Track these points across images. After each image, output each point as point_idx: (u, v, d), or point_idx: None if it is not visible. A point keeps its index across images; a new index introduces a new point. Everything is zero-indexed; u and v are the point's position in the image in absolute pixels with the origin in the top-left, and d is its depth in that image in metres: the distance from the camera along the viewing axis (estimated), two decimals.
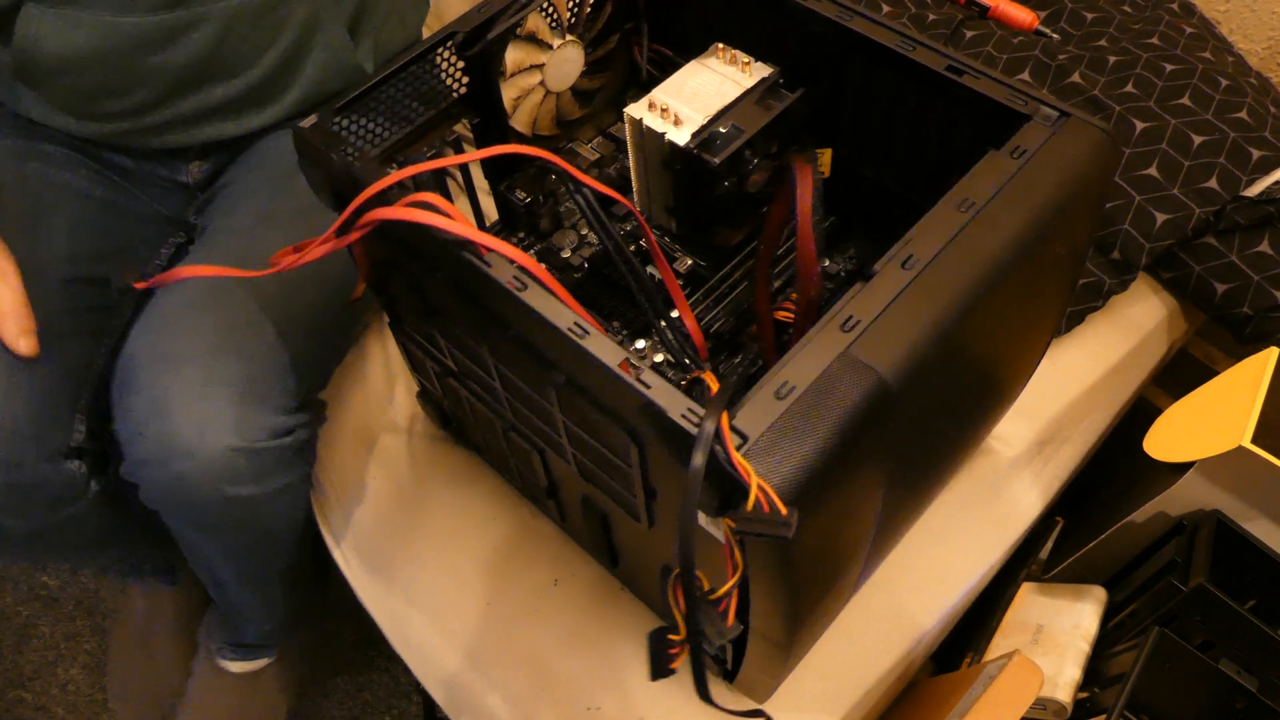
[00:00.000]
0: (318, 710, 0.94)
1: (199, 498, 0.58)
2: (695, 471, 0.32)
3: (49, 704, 0.96)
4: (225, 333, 0.58)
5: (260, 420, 0.57)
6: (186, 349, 0.57)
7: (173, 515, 0.64)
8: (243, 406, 0.56)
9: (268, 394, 0.58)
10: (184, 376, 0.56)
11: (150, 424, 0.56)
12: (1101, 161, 0.43)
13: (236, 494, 0.58)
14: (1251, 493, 0.56)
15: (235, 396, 0.56)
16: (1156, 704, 0.56)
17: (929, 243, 0.39)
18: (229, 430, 0.56)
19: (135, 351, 0.58)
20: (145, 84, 0.62)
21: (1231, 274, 0.71)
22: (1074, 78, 0.72)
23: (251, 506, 0.60)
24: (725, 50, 0.51)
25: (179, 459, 0.56)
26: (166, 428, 0.55)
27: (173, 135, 0.67)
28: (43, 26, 0.59)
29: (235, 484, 0.57)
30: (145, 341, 0.58)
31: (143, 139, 0.67)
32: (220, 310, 0.59)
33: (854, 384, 0.35)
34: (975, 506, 0.66)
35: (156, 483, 0.58)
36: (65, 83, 0.62)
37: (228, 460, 0.56)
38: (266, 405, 0.58)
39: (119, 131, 0.66)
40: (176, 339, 0.57)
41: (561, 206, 0.61)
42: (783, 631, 0.42)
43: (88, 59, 0.60)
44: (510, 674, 0.61)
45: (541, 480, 0.55)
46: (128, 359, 0.58)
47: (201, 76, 0.63)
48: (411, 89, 0.51)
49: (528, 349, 0.41)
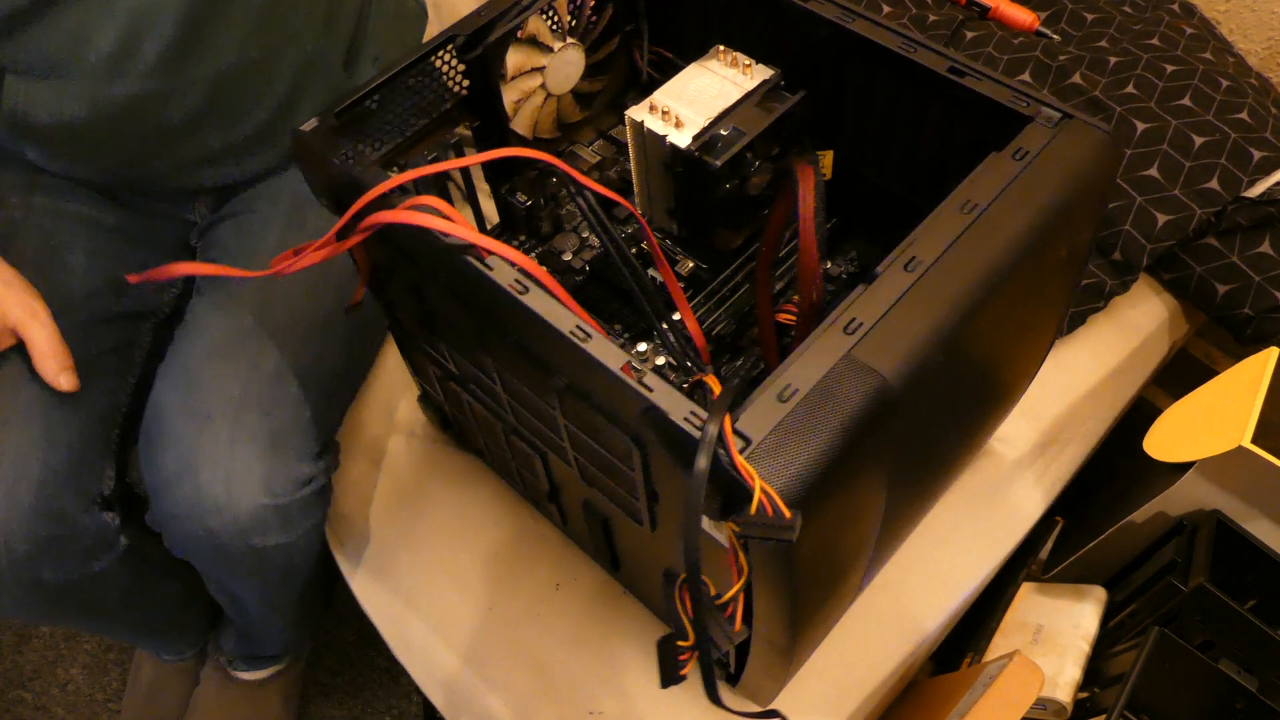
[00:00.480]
0: (318, 710, 0.94)
1: (228, 550, 0.59)
2: (698, 475, 0.32)
3: (49, 704, 0.96)
4: (250, 385, 0.58)
5: (286, 472, 0.58)
6: (213, 405, 0.57)
7: (199, 560, 0.65)
8: (270, 461, 0.57)
9: (292, 445, 0.59)
10: (211, 433, 0.56)
11: (180, 481, 0.56)
12: (1103, 163, 0.43)
13: (264, 544, 0.59)
14: (1251, 493, 0.56)
15: (262, 452, 0.57)
16: (1156, 704, 0.56)
17: (931, 245, 0.39)
18: (258, 487, 0.56)
19: (162, 405, 0.58)
20: (141, 140, 0.62)
21: (1232, 275, 0.71)
22: (1075, 79, 0.72)
23: (279, 553, 0.61)
24: (726, 52, 0.51)
25: (209, 515, 0.56)
26: (196, 485, 0.56)
27: (175, 180, 0.67)
28: (31, 97, 0.58)
29: (264, 536, 0.58)
30: (171, 395, 0.59)
31: (145, 184, 0.67)
32: (243, 361, 0.59)
33: (857, 387, 0.35)
34: (978, 508, 0.66)
35: (185, 535, 0.58)
36: (60, 143, 0.62)
37: (256, 515, 0.57)
38: (291, 457, 0.59)
39: (120, 178, 0.66)
40: (202, 393, 0.58)
41: (563, 209, 0.61)
42: (786, 635, 0.42)
43: (81, 125, 0.59)
44: (512, 678, 0.61)
45: (543, 484, 0.55)
46: (155, 412, 0.59)
47: (198, 129, 0.62)
48: (412, 92, 0.51)
49: (529, 353, 0.41)
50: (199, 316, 0.63)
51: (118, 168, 0.64)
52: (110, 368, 0.64)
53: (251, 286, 0.63)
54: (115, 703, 0.96)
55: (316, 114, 0.46)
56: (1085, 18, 0.79)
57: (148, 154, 0.63)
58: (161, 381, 0.60)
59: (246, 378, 0.58)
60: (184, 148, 0.63)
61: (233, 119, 0.63)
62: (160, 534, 0.62)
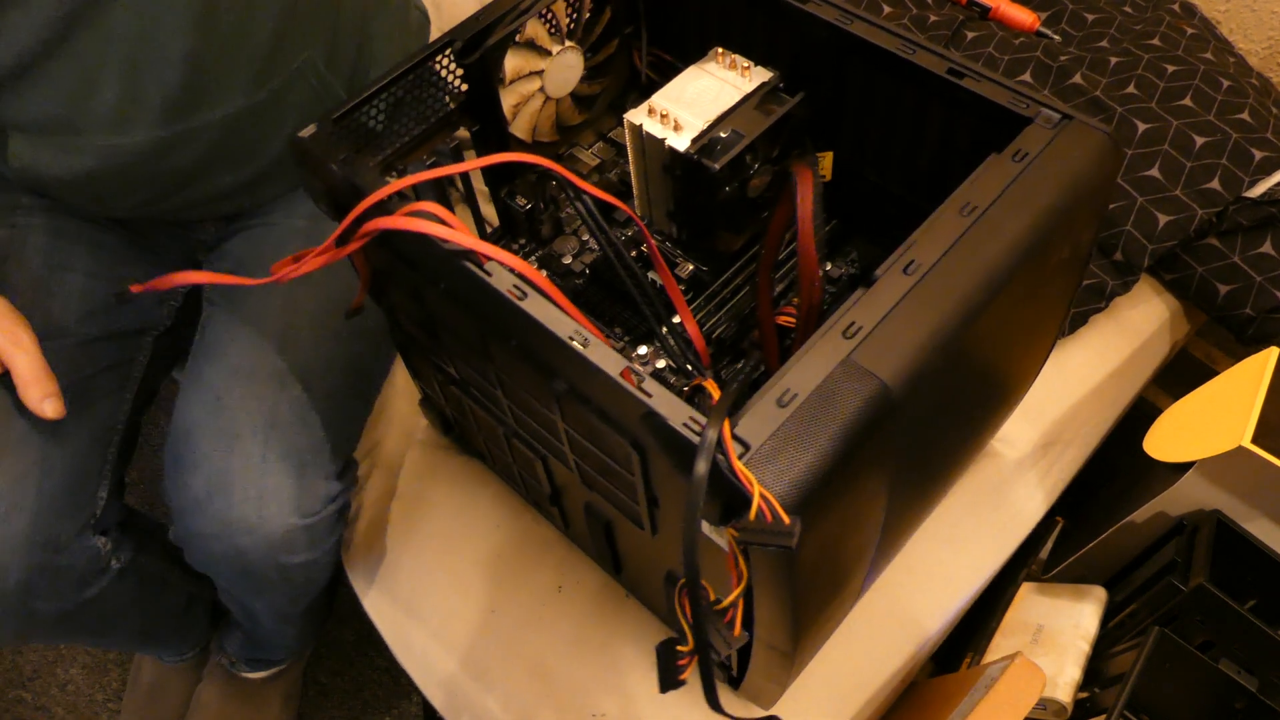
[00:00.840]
0: (318, 710, 0.94)
1: (255, 567, 0.59)
2: (698, 480, 0.32)
3: (49, 704, 0.96)
4: (278, 405, 0.59)
5: (315, 491, 0.58)
6: (241, 424, 0.57)
7: (223, 578, 0.65)
8: (300, 480, 0.58)
9: (319, 464, 0.59)
10: (242, 453, 0.57)
11: (211, 501, 0.56)
12: (1104, 164, 0.43)
13: (291, 562, 0.59)
14: (1251, 493, 0.56)
15: (292, 470, 0.57)
16: (1156, 704, 0.56)
17: (931, 248, 0.39)
18: (288, 506, 0.57)
19: (189, 426, 0.58)
20: (152, 185, 0.61)
21: (1234, 275, 0.71)
22: (1075, 79, 0.72)
23: (302, 570, 0.61)
24: (725, 55, 0.51)
25: (240, 534, 0.57)
26: (227, 504, 0.56)
27: (184, 214, 0.67)
28: (39, 153, 0.58)
29: (291, 554, 0.59)
30: (199, 415, 0.58)
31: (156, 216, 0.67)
32: (270, 380, 0.59)
33: (856, 391, 0.35)
34: (980, 509, 0.66)
35: (213, 554, 0.59)
36: (69, 192, 0.61)
37: (287, 534, 0.57)
38: (319, 475, 0.59)
39: (129, 216, 0.66)
40: (229, 413, 0.58)
41: (562, 213, 0.61)
42: (787, 639, 0.42)
43: (90, 176, 0.59)
44: (513, 680, 0.61)
45: (545, 487, 0.55)
46: (181, 432, 0.59)
47: (209, 170, 0.62)
48: (411, 96, 0.51)
49: (529, 358, 0.41)
50: (219, 334, 0.63)
51: (131, 209, 0.64)
52: (108, 387, 0.64)
53: (271, 303, 0.62)
54: (115, 703, 0.96)
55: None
56: (1086, 18, 0.78)
57: (159, 197, 0.63)
58: (186, 401, 0.60)
59: (274, 397, 0.59)
60: (196, 188, 0.63)
61: (243, 159, 0.63)
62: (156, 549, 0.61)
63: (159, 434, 1.12)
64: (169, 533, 0.61)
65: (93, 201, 0.63)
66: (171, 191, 0.62)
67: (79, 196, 0.62)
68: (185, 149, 0.59)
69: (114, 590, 0.65)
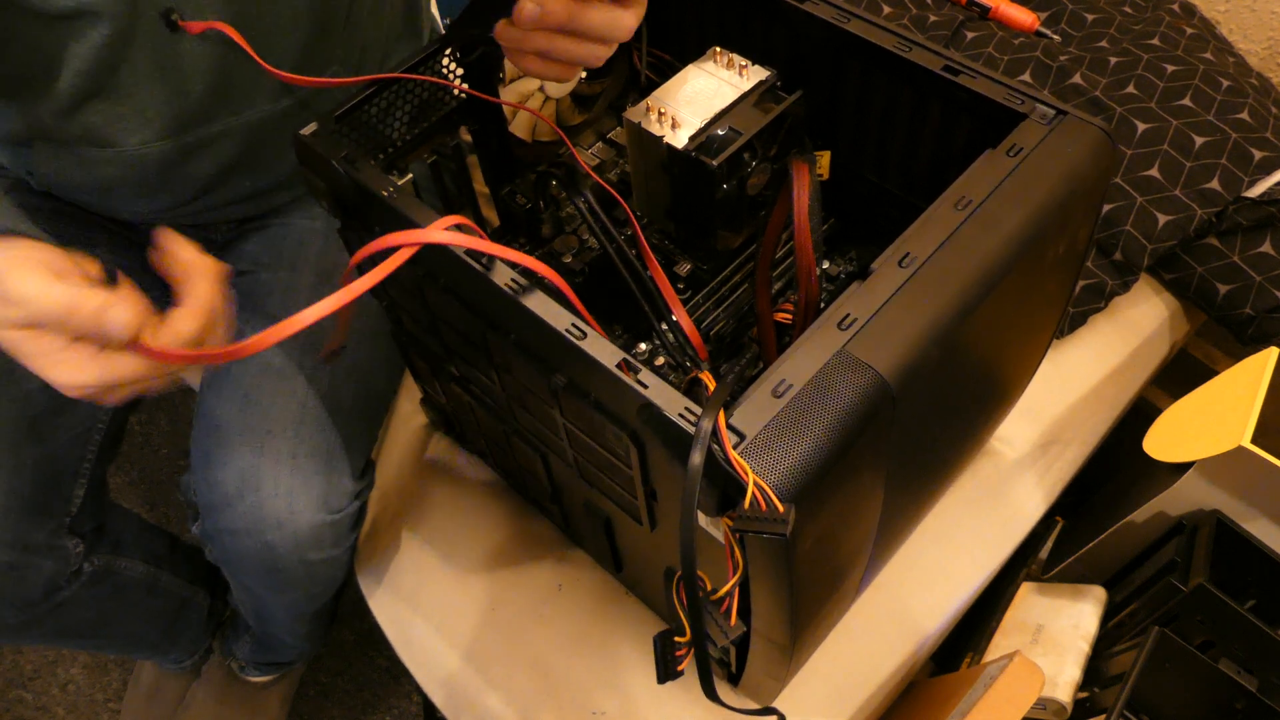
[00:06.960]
0: (318, 710, 0.94)
1: (281, 564, 0.59)
2: (694, 470, 0.32)
3: (49, 704, 0.96)
4: (308, 402, 0.59)
5: (341, 488, 0.59)
6: (273, 421, 0.58)
7: (247, 576, 0.65)
8: (328, 477, 0.58)
9: (346, 461, 0.60)
10: (273, 449, 0.57)
11: (241, 497, 0.57)
12: (1099, 158, 0.43)
13: (316, 558, 0.60)
14: (1251, 493, 0.56)
15: (320, 467, 0.58)
16: (1156, 704, 0.56)
17: (926, 241, 0.39)
18: (317, 503, 0.57)
19: (219, 422, 0.58)
20: (172, 190, 0.62)
21: (1233, 275, 0.71)
22: (1075, 79, 0.72)
23: (324, 567, 0.62)
24: (722, 54, 0.51)
25: (269, 530, 0.57)
26: (257, 501, 0.56)
27: (201, 217, 0.67)
28: (62, 163, 0.58)
29: (318, 550, 0.59)
30: (229, 412, 0.59)
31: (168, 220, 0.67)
32: (299, 378, 0.60)
33: (851, 382, 0.35)
34: (979, 508, 0.66)
35: (240, 550, 0.59)
36: (87, 197, 0.62)
37: (315, 530, 0.58)
38: (345, 473, 0.59)
39: (146, 221, 0.66)
40: (260, 410, 0.58)
41: (563, 212, 0.61)
42: (785, 633, 0.42)
43: (109, 184, 0.59)
44: (513, 678, 0.61)
45: (545, 485, 0.55)
46: (210, 428, 0.59)
47: (230, 176, 0.62)
48: (412, 96, 0.51)
49: (528, 353, 0.41)
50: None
51: (147, 214, 0.64)
52: None
53: (296, 301, 0.63)
54: (115, 703, 0.96)
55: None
56: (1085, 18, 0.79)
57: (177, 203, 0.63)
58: (215, 398, 0.60)
59: (304, 394, 0.59)
60: (214, 194, 0.63)
61: (264, 166, 0.63)
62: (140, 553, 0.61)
63: (159, 434, 1.12)
64: (192, 528, 0.61)
65: (106, 206, 0.63)
66: (190, 198, 0.63)
67: (93, 201, 0.62)
68: (206, 155, 0.60)
69: (86, 594, 0.65)
